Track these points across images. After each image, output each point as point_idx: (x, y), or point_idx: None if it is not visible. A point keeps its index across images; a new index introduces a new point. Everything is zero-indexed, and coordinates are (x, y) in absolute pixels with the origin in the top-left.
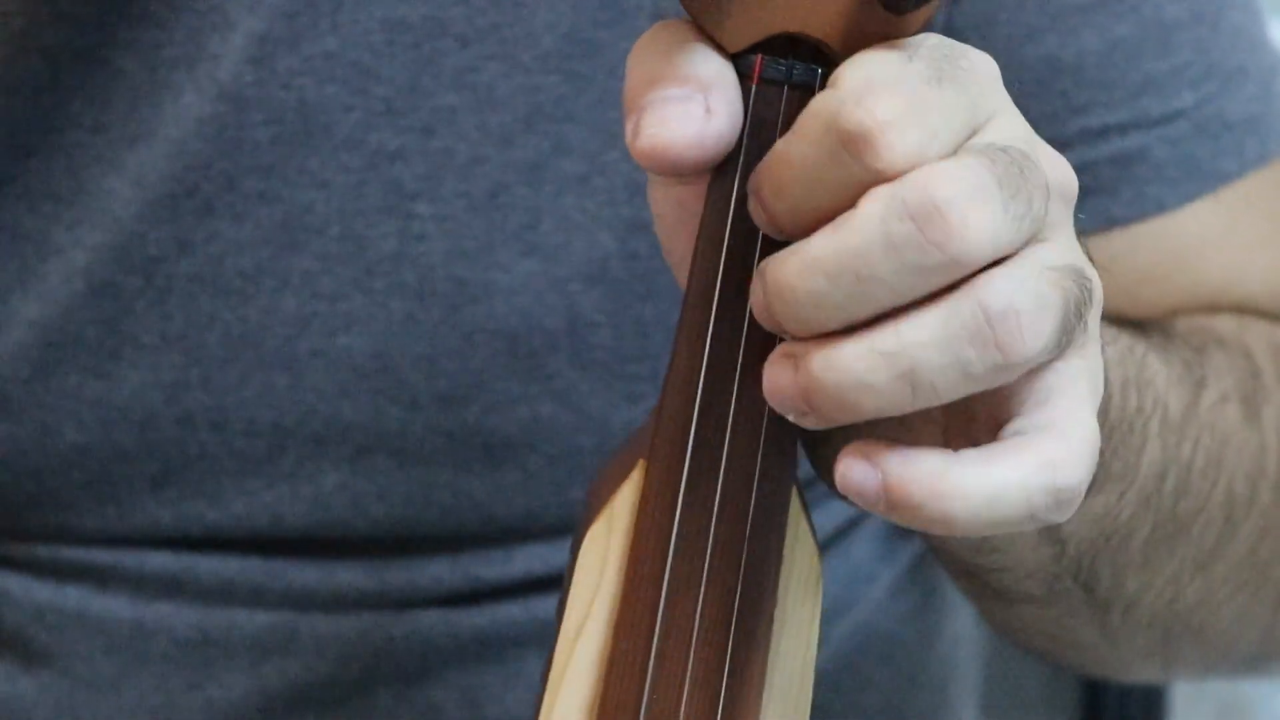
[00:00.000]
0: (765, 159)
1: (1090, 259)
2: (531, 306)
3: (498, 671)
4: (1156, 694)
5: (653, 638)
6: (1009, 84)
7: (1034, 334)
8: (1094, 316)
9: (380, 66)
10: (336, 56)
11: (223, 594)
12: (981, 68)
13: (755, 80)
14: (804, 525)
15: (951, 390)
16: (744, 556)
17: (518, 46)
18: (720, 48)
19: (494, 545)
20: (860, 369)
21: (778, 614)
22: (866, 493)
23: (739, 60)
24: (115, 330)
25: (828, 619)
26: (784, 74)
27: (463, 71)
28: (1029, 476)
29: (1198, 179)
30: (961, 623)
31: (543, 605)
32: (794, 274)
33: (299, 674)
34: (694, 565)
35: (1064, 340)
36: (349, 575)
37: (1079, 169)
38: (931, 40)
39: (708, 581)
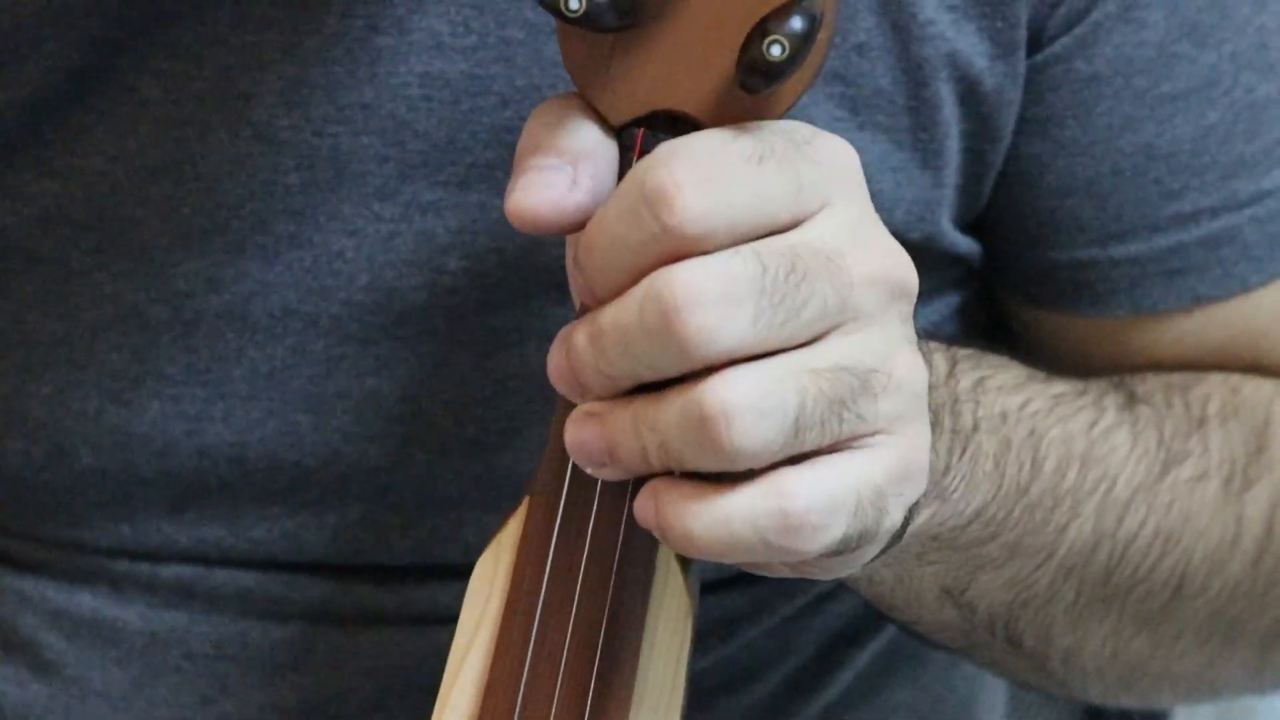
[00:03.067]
0: (585, 228)
1: (932, 369)
2: None
3: None
4: None
5: (525, 659)
6: (1105, 171)
7: (743, 434)
8: (890, 401)
9: (417, 120)
10: (372, 108)
11: (239, 604)
12: (830, 155)
13: (636, 153)
14: (674, 565)
15: (698, 465)
16: (611, 589)
17: None
18: (605, 121)
19: None
20: (630, 432)
21: (645, 644)
22: (649, 521)
23: (624, 133)
24: (140, 358)
25: (856, 644)
26: None
27: (500, 130)
28: (757, 500)
29: None
30: None
31: None
32: (582, 338)
33: (313, 690)
34: (565, 595)
35: (806, 434)
36: (368, 591)
37: (1170, 251)
38: (780, 124)
39: (577, 610)
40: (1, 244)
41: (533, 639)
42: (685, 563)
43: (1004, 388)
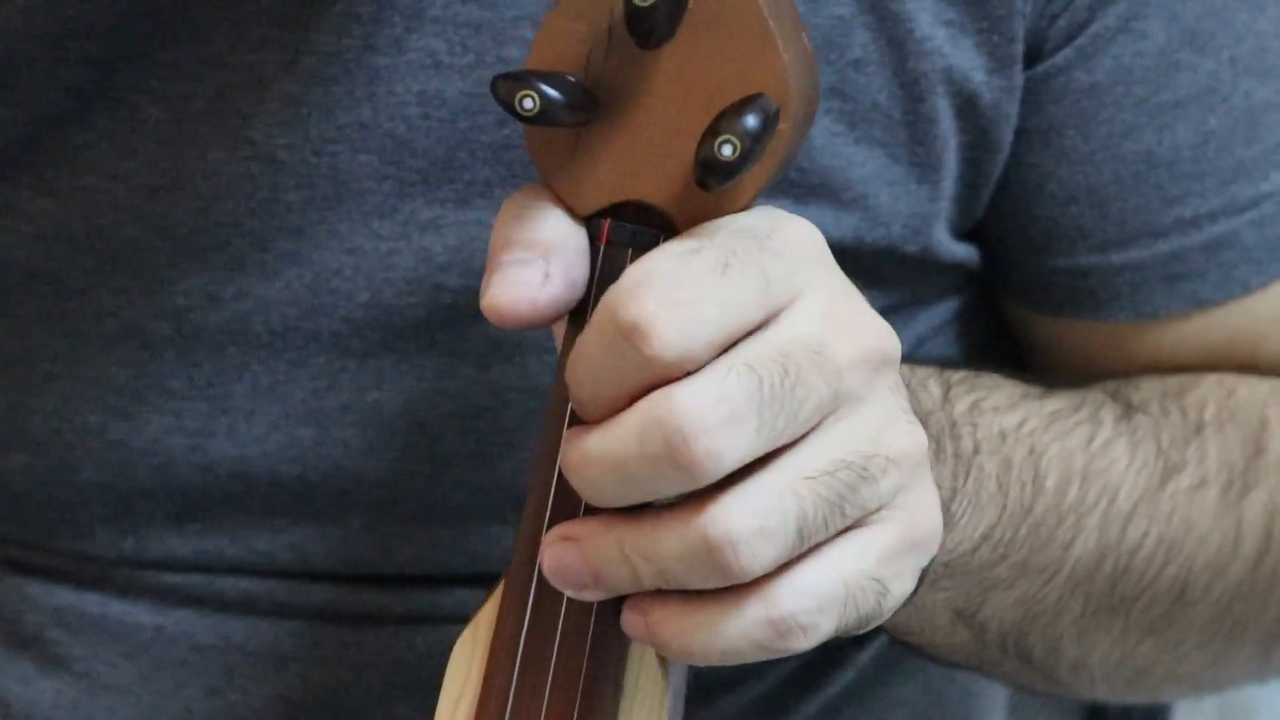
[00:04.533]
0: (570, 352)
1: (928, 396)
2: None
3: None
4: None
5: None
6: (1107, 179)
7: (750, 558)
8: (891, 479)
9: (415, 139)
10: (371, 127)
11: (244, 607)
12: (793, 244)
13: (604, 241)
14: (650, 647)
15: (694, 585)
16: (584, 671)
17: None
18: (573, 211)
19: None
20: (618, 559)
21: None
22: (640, 637)
23: (592, 222)
24: (143, 374)
25: (857, 642)
26: (629, 237)
27: (499, 148)
28: (746, 610)
29: None
30: None
31: None
32: (577, 460)
33: (320, 683)
34: (538, 678)
35: (811, 537)
36: (371, 596)
37: (1171, 256)
38: (740, 221)
39: (550, 693)
40: (2, 261)
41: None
42: None
43: (999, 408)
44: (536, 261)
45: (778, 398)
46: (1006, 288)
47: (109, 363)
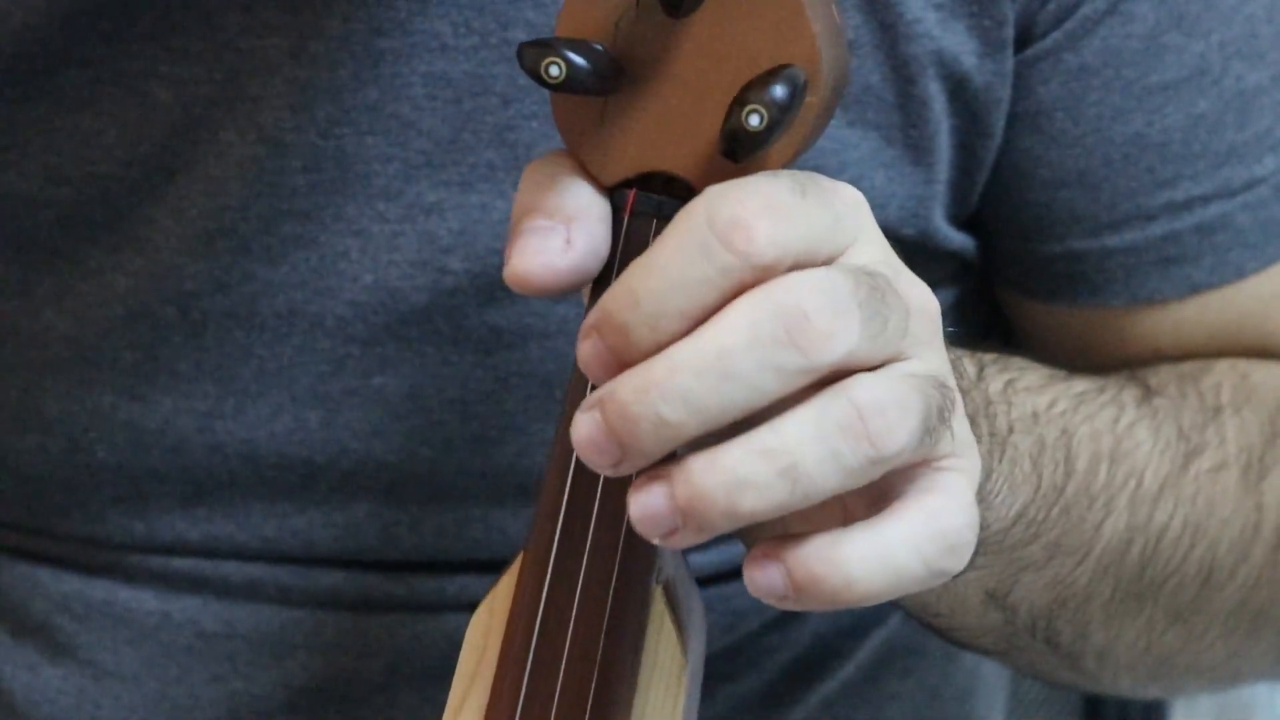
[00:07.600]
0: (615, 283)
1: (962, 374)
2: (567, 350)
3: None
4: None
5: (515, 715)
6: (1097, 162)
7: (902, 428)
8: (959, 423)
9: (420, 120)
10: (377, 108)
11: (249, 591)
12: (845, 193)
13: (628, 212)
14: (668, 623)
15: (828, 483)
16: (601, 647)
17: None
18: (597, 180)
19: None
20: (744, 469)
21: (638, 702)
22: (776, 587)
23: (616, 193)
24: (151, 356)
25: (855, 636)
26: (654, 208)
27: (503, 129)
28: (916, 528)
29: (1277, 243)
30: None
31: None
32: (661, 374)
33: (323, 670)
34: (554, 652)
35: (927, 438)
36: (376, 581)
37: (1164, 240)
38: (794, 171)
39: (566, 667)
40: (26, 240)
41: (522, 698)
42: (679, 618)
43: (1030, 388)
44: (558, 228)
45: (871, 301)
46: (1002, 276)
47: (119, 346)
